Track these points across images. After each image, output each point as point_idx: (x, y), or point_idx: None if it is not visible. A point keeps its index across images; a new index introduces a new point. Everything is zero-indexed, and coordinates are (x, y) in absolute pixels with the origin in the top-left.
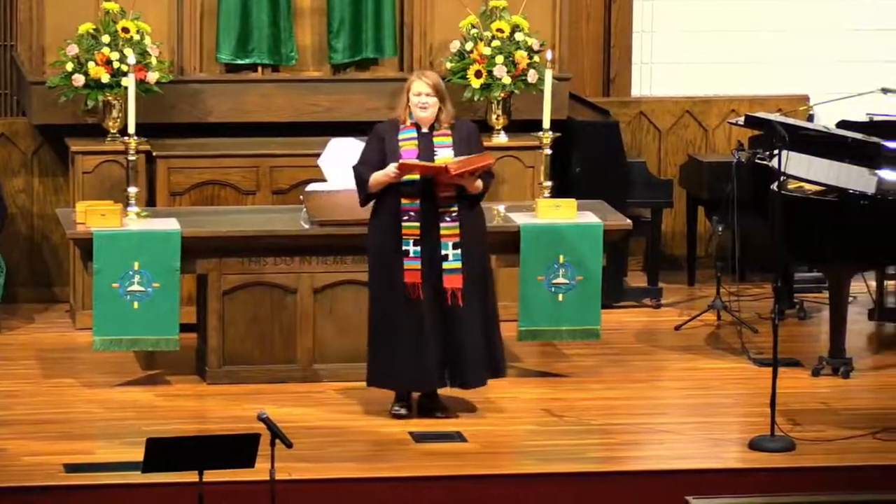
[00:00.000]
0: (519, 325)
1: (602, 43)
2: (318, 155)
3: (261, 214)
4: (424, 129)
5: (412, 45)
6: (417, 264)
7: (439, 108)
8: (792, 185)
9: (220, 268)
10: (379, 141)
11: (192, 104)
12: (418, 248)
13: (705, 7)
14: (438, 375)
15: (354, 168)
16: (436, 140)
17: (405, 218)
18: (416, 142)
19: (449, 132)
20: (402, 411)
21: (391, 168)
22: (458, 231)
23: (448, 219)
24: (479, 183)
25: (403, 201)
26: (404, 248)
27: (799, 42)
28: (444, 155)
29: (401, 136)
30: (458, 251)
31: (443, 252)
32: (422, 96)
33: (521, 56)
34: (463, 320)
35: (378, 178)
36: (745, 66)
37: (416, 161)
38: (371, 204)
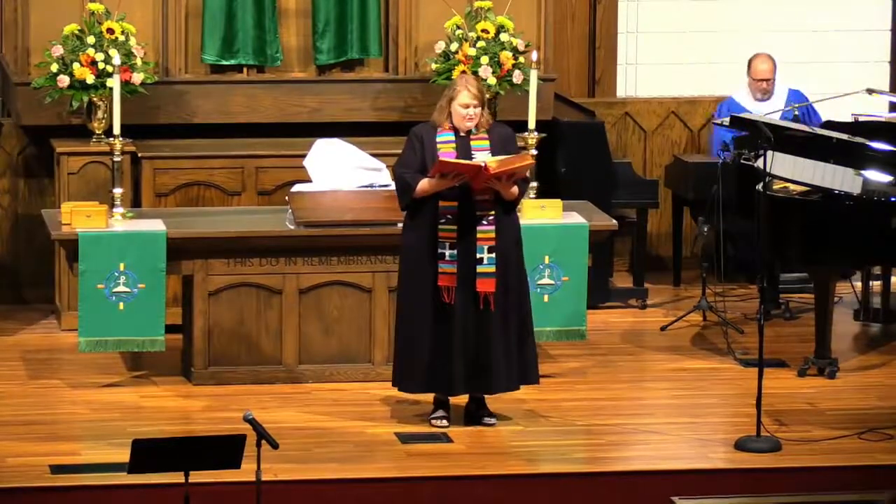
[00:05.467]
0: None
1: (587, 43)
2: (303, 156)
3: (246, 215)
4: (462, 133)
5: (397, 45)
6: (453, 268)
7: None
8: (777, 185)
9: (205, 269)
10: (419, 144)
11: (177, 105)
12: (454, 252)
13: (690, 8)
14: (465, 380)
15: (396, 172)
16: (473, 143)
17: (443, 220)
18: (454, 145)
19: (486, 136)
20: (444, 422)
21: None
22: (494, 235)
23: (485, 222)
24: (515, 189)
25: (442, 203)
26: (440, 250)
27: (783, 43)
28: (482, 158)
29: (439, 139)
30: (493, 255)
31: (478, 255)
32: (469, 108)
33: (506, 57)
34: (494, 325)
35: (427, 185)
36: (730, 67)
37: (455, 160)
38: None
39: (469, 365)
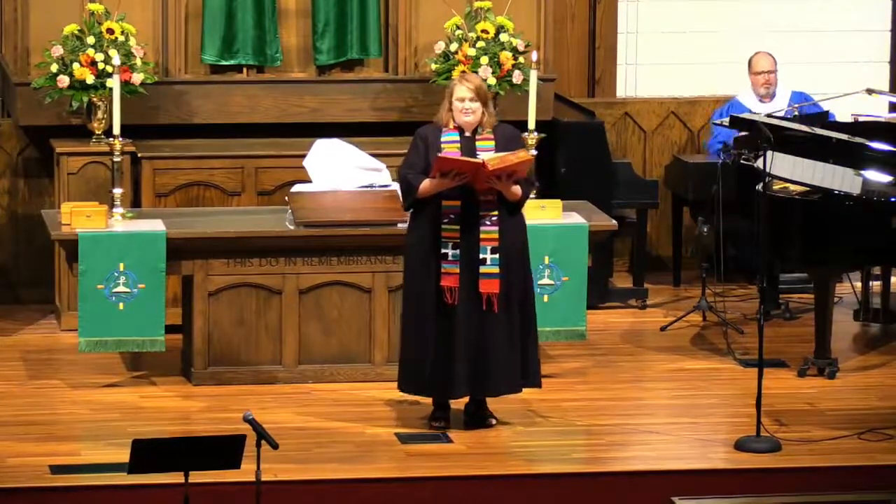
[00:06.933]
0: None
1: (587, 44)
2: (303, 156)
3: (246, 215)
4: (467, 133)
5: (397, 46)
6: (456, 268)
7: (482, 112)
8: (777, 185)
9: (205, 269)
10: (423, 144)
11: (177, 105)
12: (457, 252)
13: (690, 8)
14: (469, 382)
15: (401, 173)
16: (478, 144)
17: (445, 220)
18: (458, 145)
19: (491, 136)
20: (442, 423)
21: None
22: (497, 236)
23: (488, 222)
24: (518, 189)
25: (444, 203)
26: (443, 250)
27: (783, 43)
28: (485, 156)
29: (443, 139)
30: (497, 256)
31: (481, 256)
32: (465, 102)
33: (505, 57)
34: (497, 327)
35: (429, 185)
36: (729, 67)
37: (453, 156)
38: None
39: (471, 366)
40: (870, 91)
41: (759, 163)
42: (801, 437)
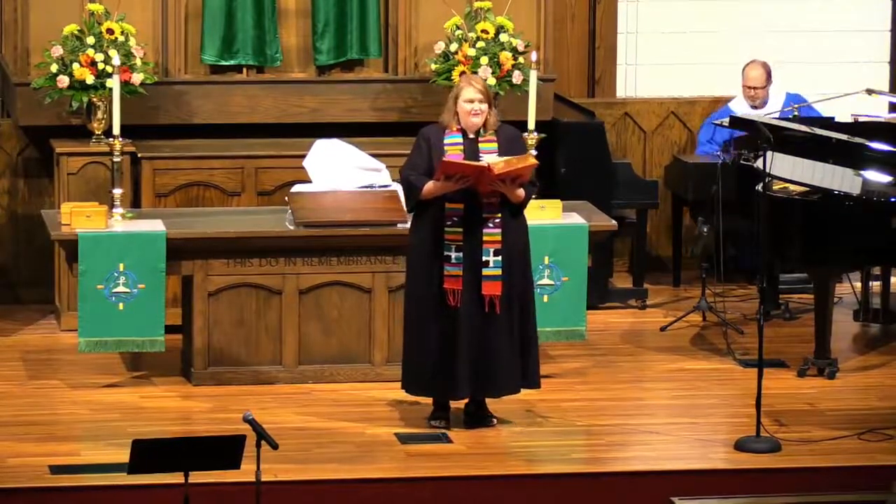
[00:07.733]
0: None
1: (587, 44)
2: (303, 156)
3: (246, 216)
4: (471, 135)
5: (397, 46)
6: (459, 270)
7: (487, 113)
8: (777, 185)
9: (205, 269)
10: (426, 145)
11: (176, 105)
12: (460, 254)
13: (690, 8)
14: (471, 383)
15: (403, 174)
16: (481, 145)
17: (448, 223)
18: (461, 147)
19: (494, 138)
20: (442, 423)
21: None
22: (500, 238)
23: (491, 225)
24: (521, 192)
25: (448, 205)
26: (446, 253)
27: (783, 43)
28: (488, 159)
29: (447, 141)
30: (499, 258)
31: (483, 258)
32: (475, 103)
33: (505, 57)
34: (499, 328)
35: (433, 187)
36: (729, 68)
37: (459, 160)
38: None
39: (473, 367)
40: (870, 91)
41: (759, 163)
42: (801, 437)
